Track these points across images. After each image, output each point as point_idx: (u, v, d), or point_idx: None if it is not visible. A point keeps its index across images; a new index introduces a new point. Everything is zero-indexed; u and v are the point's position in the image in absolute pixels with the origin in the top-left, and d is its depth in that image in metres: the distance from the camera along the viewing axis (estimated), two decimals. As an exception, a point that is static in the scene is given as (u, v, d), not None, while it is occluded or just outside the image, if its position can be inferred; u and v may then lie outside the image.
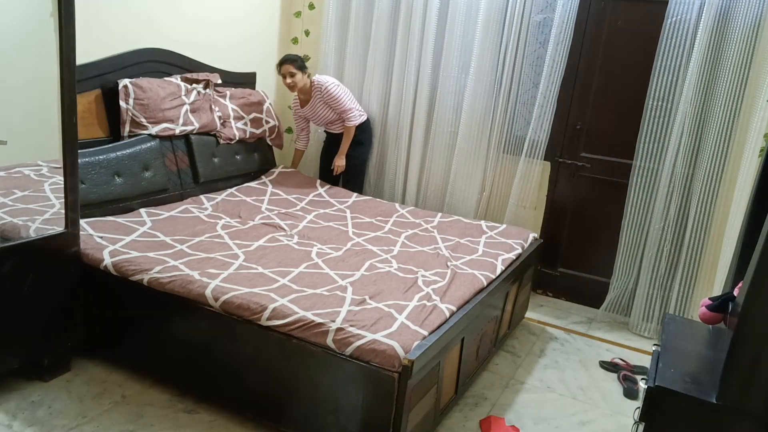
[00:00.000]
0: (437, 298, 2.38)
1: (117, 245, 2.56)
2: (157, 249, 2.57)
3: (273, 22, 4.25)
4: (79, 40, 2.29)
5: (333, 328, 2.05)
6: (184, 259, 2.49)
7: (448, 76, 3.80)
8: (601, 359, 3.15)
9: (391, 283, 2.49)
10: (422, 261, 2.81)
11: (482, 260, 2.89)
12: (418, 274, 2.62)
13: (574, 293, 3.88)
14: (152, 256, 2.48)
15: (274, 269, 2.51)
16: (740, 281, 1.73)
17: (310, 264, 2.62)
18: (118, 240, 2.61)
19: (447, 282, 2.56)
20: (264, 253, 2.67)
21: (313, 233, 3.06)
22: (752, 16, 3.02)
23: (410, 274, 2.62)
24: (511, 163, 3.79)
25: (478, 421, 2.51)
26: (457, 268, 2.74)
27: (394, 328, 2.08)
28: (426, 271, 2.67)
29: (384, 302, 2.29)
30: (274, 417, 2.24)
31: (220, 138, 3.65)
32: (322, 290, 2.34)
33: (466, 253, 2.98)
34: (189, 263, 2.46)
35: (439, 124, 3.89)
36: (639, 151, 3.42)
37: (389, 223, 3.36)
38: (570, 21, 3.43)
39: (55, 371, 2.49)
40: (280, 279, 2.41)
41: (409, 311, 2.24)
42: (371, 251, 2.87)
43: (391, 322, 2.13)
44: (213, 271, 2.40)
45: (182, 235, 2.77)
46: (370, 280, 2.49)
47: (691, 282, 3.35)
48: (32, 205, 2.50)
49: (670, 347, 1.83)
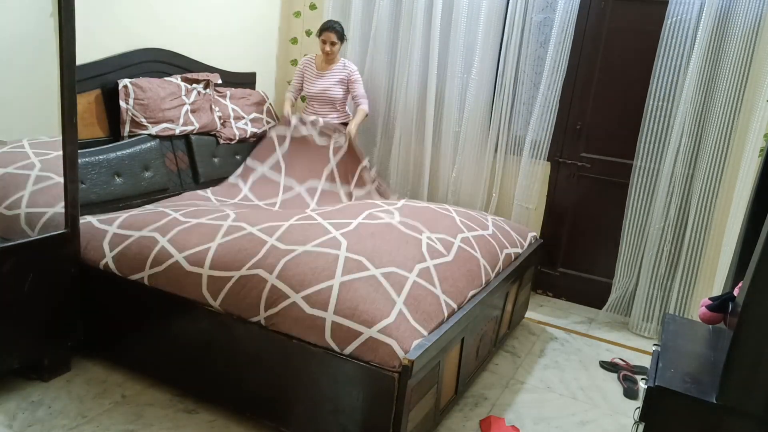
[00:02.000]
0: (438, 285, 2.32)
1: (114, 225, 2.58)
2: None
3: (273, 22, 4.25)
4: (79, 40, 2.29)
5: (328, 322, 2.03)
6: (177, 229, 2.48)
7: (451, 77, 3.80)
8: (601, 359, 3.15)
9: (391, 238, 2.35)
10: (429, 219, 2.70)
11: (489, 243, 2.83)
12: (423, 236, 2.48)
13: (574, 293, 3.88)
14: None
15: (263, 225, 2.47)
16: (740, 281, 1.73)
17: (302, 216, 2.58)
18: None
19: (451, 259, 2.48)
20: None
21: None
22: (752, 16, 3.02)
23: (415, 232, 2.48)
24: (512, 163, 3.79)
25: (478, 421, 2.51)
26: (466, 243, 2.66)
27: (392, 319, 2.04)
28: (432, 233, 2.54)
29: (382, 268, 2.20)
30: (274, 417, 2.24)
31: (220, 138, 3.65)
32: (311, 246, 2.26)
33: (477, 226, 2.92)
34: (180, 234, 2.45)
35: (442, 123, 3.89)
36: (639, 151, 3.42)
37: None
38: (571, 21, 3.43)
39: (55, 371, 2.49)
40: (269, 239, 2.36)
41: (408, 292, 2.18)
42: (371, 203, 2.85)
43: (389, 307, 2.08)
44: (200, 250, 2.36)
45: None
46: (367, 232, 2.37)
47: (691, 282, 3.35)
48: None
49: (670, 347, 1.83)
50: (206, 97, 3.55)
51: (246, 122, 3.83)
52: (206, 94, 3.56)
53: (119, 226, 2.57)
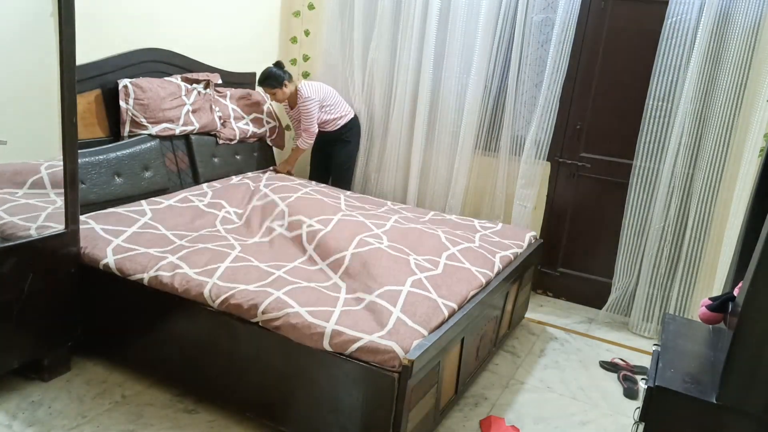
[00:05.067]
0: (432, 291, 2.37)
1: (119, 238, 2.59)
2: None
3: (273, 22, 4.25)
4: (79, 40, 2.29)
5: (329, 331, 2.05)
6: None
7: (449, 77, 3.80)
8: (601, 359, 3.15)
9: (381, 262, 2.48)
10: (414, 241, 2.80)
11: (476, 252, 2.87)
12: (410, 258, 2.60)
13: (574, 293, 3.88)
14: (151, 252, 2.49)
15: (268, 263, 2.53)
16: (740, 281, 1.73)
17: (304, 260, 2.64)
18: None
19: (440, 272, 2.54)
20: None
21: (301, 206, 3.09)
22: (752, 16, 3.02)
23: (402, 254, 2.60)
24: (512, 163, 3.79)
25: (478, 421, 2.51)
26: (452, 259, 2.72)
27: (391, 326, 2.07)
28: (418, 255, 2.65)
29: (377, 291, 2.28)
30: (274, 417, 2.24)
31: (220, 138, 3.65)
32: (315, 284, 2.35)
33: (463, 240, 2.98)
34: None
35: (441, 123, 3.89)
36: (639, 151, 3.42)
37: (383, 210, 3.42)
38: (572, 21, 3.42)
39: (55, 371, 2.49)
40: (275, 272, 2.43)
41: (403, 300, 2.23)
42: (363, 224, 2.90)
43: (387, 317, 2.11)
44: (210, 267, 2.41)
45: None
46: (360, 262, 2.50)
47: (691, 282, 3.35)
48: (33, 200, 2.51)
49: (670, 347, 1.83)
50: (206, 97, 3.55)
51: (246, 122, 3.83)
52: (206, 94, 3.56)
53: (125, 240, 2.59)
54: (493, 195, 3.88)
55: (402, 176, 4.08)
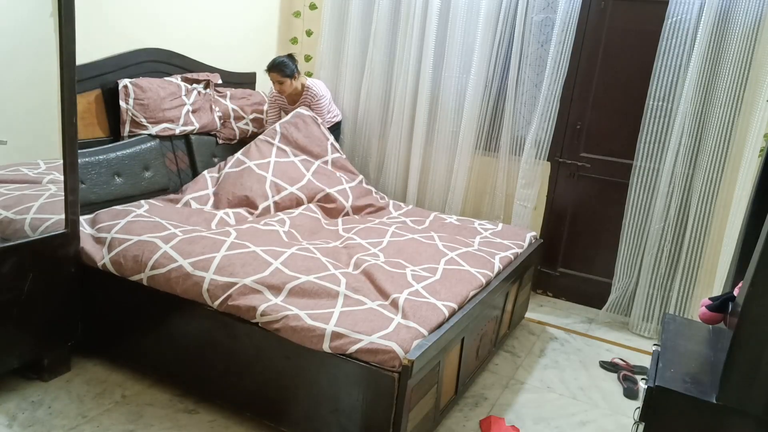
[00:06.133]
0: (430, 296, 2.36)
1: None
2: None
3: (273, 22, 4.25)
4: (79, 40, 2.29)
5: (328, 333, 2.04)
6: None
7: (449, 77, 3.80)
8: (601, 359, 3.15)
9: (379, 276, 2.48)
10: (411, 254, 2.78)
11: (475, 255, 2.87)
12: (407, 270, 2.59)
13: (574, 293, 3.88)
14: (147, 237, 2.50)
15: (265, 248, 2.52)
16: (740, 281, 1.73)
17: (301, 247, 2.63)
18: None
19: (439, 277, 2.54)
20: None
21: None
22: (752, 16, 3.02)
23: (399, 268, 2.60)
24: (512, 163, 3.79)
25: (478, 421, 2.51)
26: (451, 263, 2.72)
27: (391, 329, 2.07)
28: (415, 266, 2.65)
29: (377, 301, 2.28)
30: (274, 417, 2.24)
31: (220, 138, 3.65)
32: (314, 277, 2.34)
33: (461, 245, 2.98)
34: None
35: (441, 123, 3.89)
36: (639, 151, 3.42)
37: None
38: (572, 21, 3.42)
39: (55, 371, 2.49)
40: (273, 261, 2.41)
41: (402, 305, 2.23)
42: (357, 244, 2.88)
43: (387, 322, 2.11)
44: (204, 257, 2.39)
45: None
46: (359, 270, 2.51)
47: (691, 282, 3.35)
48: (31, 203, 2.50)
49: (670, 347, 1.83)
50: (206, 97, 3.55)
51: (246, 122, 3.83)
52: (206, 94, 3.56)
53: (117, 231, 2.58)
54: (493, 195, 3.88)
55: (402, 176, 4.08)
